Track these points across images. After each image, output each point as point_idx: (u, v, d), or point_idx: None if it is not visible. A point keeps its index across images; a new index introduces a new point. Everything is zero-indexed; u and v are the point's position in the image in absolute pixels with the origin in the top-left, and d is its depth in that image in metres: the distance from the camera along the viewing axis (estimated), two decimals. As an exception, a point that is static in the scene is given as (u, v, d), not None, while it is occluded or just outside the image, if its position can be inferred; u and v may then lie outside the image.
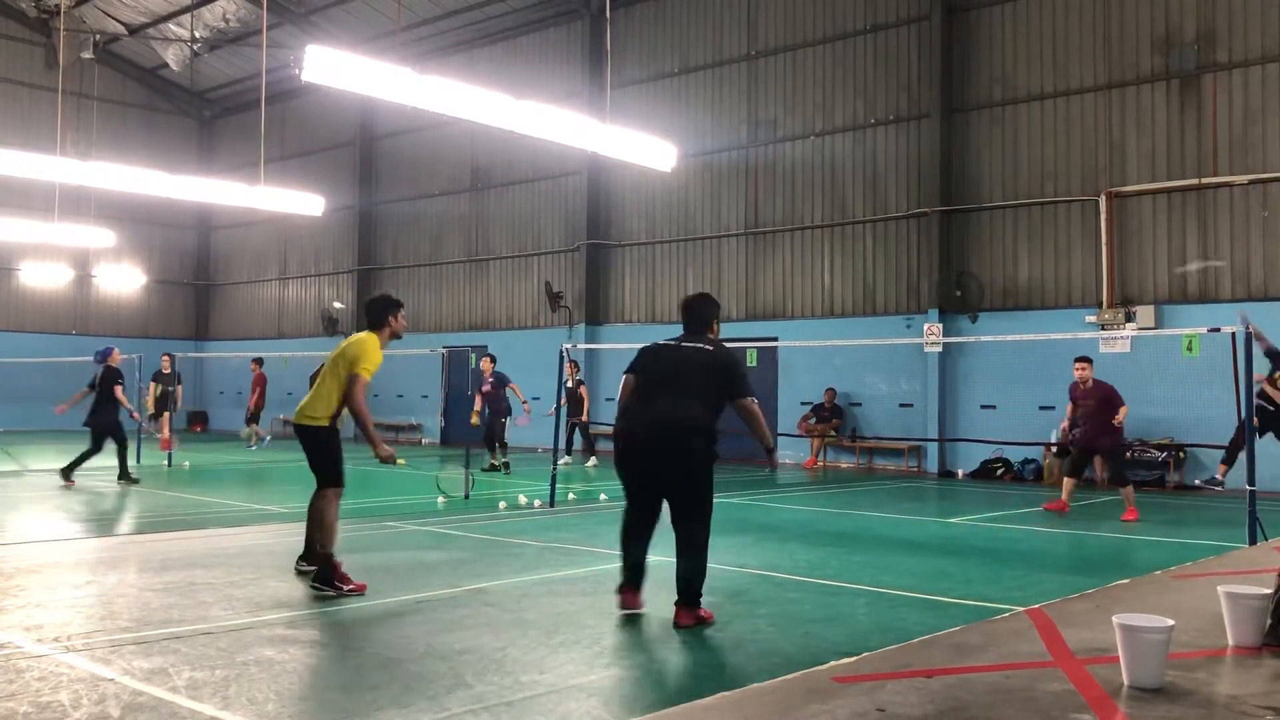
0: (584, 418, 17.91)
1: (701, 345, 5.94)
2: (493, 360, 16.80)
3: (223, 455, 19.92)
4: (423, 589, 6.63)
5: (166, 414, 19.64)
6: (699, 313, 6.11)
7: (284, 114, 28.26)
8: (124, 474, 13.42)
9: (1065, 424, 11.79)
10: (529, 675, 4.65)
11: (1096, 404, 10.78)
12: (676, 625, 5.55)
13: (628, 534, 5.88)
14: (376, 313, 7.08)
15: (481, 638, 5.28)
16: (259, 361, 22.20)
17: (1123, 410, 10.86)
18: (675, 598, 5.66)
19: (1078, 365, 11.06)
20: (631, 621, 5.69)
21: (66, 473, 13.09)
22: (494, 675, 4.61)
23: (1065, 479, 11.30)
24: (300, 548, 7.22)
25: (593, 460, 18.01)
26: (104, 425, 13.25)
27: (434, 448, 23.18)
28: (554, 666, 4.81)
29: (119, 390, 13.41)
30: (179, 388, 20.41)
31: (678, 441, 5.67)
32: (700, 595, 5.67)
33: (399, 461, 7.10)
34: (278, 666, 4.75)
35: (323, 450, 6.86)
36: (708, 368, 5.83)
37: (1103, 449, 11.32)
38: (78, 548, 8.46)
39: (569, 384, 17.25)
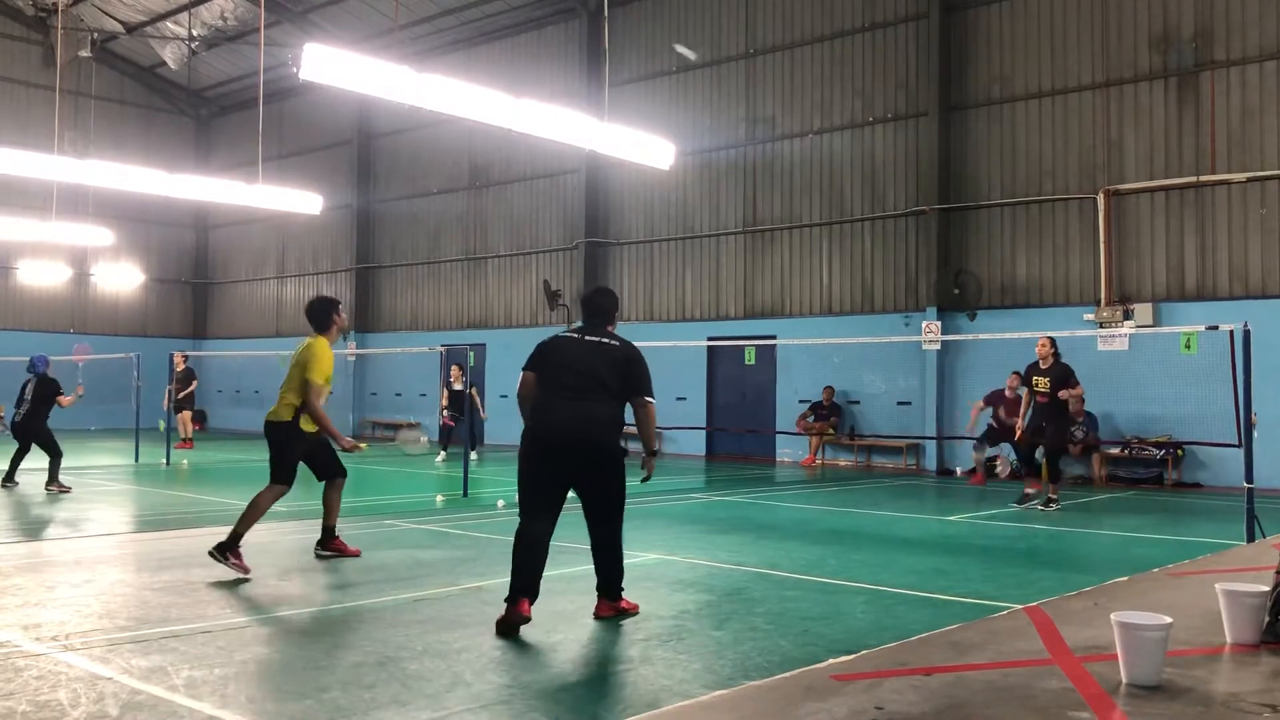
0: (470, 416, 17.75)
1: (606, 340, 5.79)
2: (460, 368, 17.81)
3: (221, 454, 19.90)
4: (421, 587, 6.63)
5: (186, 412, 20.77)
6: (599, 306, 5.96)
7: (282, 112, 28.24)
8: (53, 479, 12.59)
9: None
10: (527, 674, 4.66)
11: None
12: (597, 616, 5.70)
13: (532, 544, 5.55)
14: (320, 315, 7.24)
15: (480, 636, 5.28)
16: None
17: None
18: (599, 592, 5.77)
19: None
20: (625, 621, 5.69)
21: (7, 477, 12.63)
22: (492, 674, 4.61)
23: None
24: (310, 541, 7.50)
25: (441, 455, 18.67)
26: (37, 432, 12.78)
27: (433, 446, 23.13)
28: (553, 665, 4.81)
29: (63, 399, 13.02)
30: (176, 386, 20.55)
31: (594, 442, 5.60)
32: (622, 588, 5.82)
33: (361, 447, 7.63)
34: (276, 665, 4.75)
35: (277, 447, 7.11)
36: (618, 362, 5.70)
37: None
38: (76, 547, 8.46)
39: (457, 386, 18.28)
